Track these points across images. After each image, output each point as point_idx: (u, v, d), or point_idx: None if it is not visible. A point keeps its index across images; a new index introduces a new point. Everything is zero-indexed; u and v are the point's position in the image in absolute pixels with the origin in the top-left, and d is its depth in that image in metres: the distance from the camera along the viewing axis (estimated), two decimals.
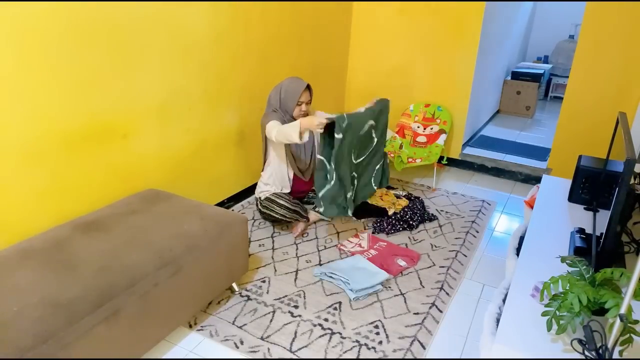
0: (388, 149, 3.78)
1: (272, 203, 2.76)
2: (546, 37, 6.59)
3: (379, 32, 4.05)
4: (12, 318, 1.41)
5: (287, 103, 2.75)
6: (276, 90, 2.78)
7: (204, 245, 1.95)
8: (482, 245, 2.86)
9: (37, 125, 1.89)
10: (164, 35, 2.37)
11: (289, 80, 2.80)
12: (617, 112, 1.83)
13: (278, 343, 2.00)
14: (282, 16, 3.22)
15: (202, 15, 2.56)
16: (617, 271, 1.23)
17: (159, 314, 1.78)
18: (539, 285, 1.38)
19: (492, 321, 1.46)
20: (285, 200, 2.75)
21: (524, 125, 5.28)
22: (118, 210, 2.09)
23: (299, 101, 2.73)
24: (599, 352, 1.12)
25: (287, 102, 2.74)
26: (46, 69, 1.87)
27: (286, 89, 2.75)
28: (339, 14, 3.94)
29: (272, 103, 2.78)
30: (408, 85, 4.08)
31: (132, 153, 2.35)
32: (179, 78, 2.53)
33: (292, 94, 2.73)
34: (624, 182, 1.35)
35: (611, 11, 3.15)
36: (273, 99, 2.78)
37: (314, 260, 2.60)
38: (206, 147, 2.84)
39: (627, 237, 1.77)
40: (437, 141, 3.79)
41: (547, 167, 3.76)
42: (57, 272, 1.63)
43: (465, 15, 3.66)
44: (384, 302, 2.27)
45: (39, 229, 1.96)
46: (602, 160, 2.08)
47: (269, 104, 2.80)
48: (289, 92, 2.74)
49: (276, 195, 2.77)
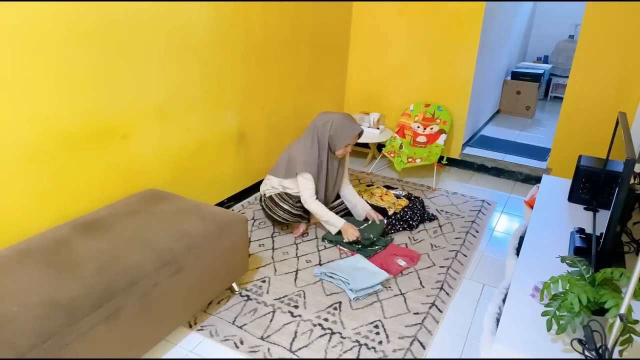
0: (388, 149, 3.78)
1: (275, 205, 2.75)
2: (546, 37, 6.59)
3: (379, 32, 4.05)
4: (12, 318, 1.41)
5: (336, 141, 2.70)
6: (326, 122, 2.71)
7: (204, 245, 1.95)
8: (482, 245, 2.86)
9: (37, 125, 1.89)
10: (164, 36, 2.36)
11: (344, 118, 2.73)
12: (617, 112, 1.83)
13: (278, 343, 2.00)
14: (282, 16, 3.22)
15: (202, 16, 2.56)
16: (617, 271, 1.23)
17: (159, 314, 1.78)
18: (539, 285, 1.38)
19: (492, 321, 1.46)
20: (290, 205, 2.73)
21: (524, 125, 5.28)
22: (118, 210, 2.09)
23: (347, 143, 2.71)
24: (599, 352, 1.12)
25: (337, 140, 2.70)
26: (46, 69, 1.87)
27: (339, 128, 2.69)
28: (339, 14, 3.95)
29: (316, 132, 2.73)
30: (408, 85, 4.08)
31: (132, 153, 2.35)
32: (179, 78, 2.52)
33: (345, 136, 2.69)
34: (624, 182, 1.35)
35: (611, 11, 3.15)
36: (320, 129, 2.72)
37: (314, 260, 2.60)
38: (206, 147, 2.84)
39: (627, 237, 1.77)
40: (437, 141, 3.79)
41: (547, 167, 3.76)
42: (57, 272, 1.63)
43: (465, 15, 3.66)
44: (384, 302, 2.27)
45: (39, 229, 1.96)
46: (602, 160, 2.08)
47: (311, 128, 2.75)
48: (343, 133, 2.69)
49: (280, 199, 2.76)
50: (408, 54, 4.00)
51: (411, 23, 3.89)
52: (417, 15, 3.85)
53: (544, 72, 5.77)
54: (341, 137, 2.69)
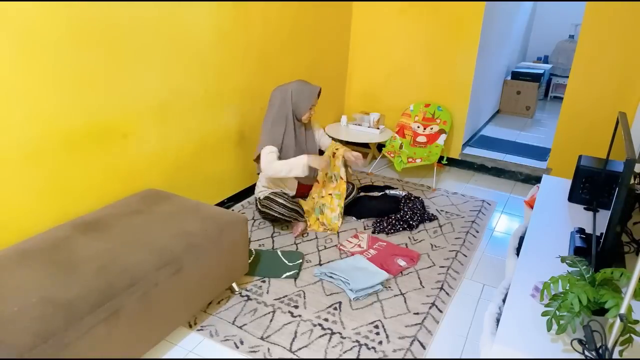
0: (388, 149, 3.78)
1: (271, 202, 2.76)
2: (546, 37, 6.59)
3: (379, 32, 4.05)
4: (12, 318, 1.41)
5: (299, 107, 2.77)
6: (284, 93, 2.77)
7: (204, 245, 1.95)
8: (482, 245, 2.86)
9: (37, 125, 1.89)
10: (164, 35, 2.36)
11: (299, 83, 2.80)
12: (617, 112, 1.83)
13: (278, 343, 2.00)
14: (282, 16, 3.22)
15: (202, 16, 2.56)
16: (617, 271, 1.23)
17: (159, 314, 1.78)
18: (539, 285, 1.38)
19: (492, 321, 1.46)
20: (285, 200, 2.75)
21: (524, 125, 5.28)
22: (118, 210, 2.09)
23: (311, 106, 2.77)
24: (599, 352, 1.12)
25: (300, 106, 2.77)
26: (46, 69, 1.87)
27: (298, 92, 2.76)
28: (339, 14, 3.95)
29: (277, 104, 2.77)
30: (408, 85, 4.08)
31: (132, 153, 2.35)
32: (179, 78, 2.52)
33: (306, 99, 2.76)
34: (624, 182, 1.35)
35: (611, 11, 3.15)
36: (280, 101, 2.77)
37: (314, 260, 2.60)
38: (206, 147, 2.84)
39: (627, 237, 1.77)
40: (437, 141, 3.79)
41: (547, 167, 3.76)
42: (57, 272, 1.63)
43: (465, 15, 3.66)
44: (384, 302, 2.27)
45: (39, 229, 1.96)
46: (602, 160, 2.08)
47: (273, 105, 2.79)
48: (303, 96, 2.76)
49: (275, 195, 2.77)
50: (408, 54, 4.00)
51: (411, 23, 3.89)
52: (417, 16, 3.85)
53: (544, 72, 5.77)
54: (304, 103, 2.78)
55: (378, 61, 4.15)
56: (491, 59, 4.55)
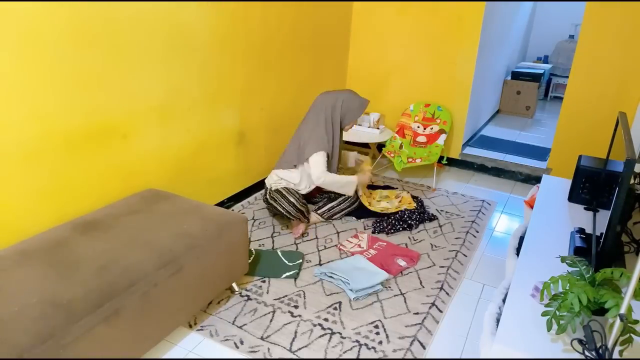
0: (388, 149, 3.78)
1: (281, 197, 2.76)
2: (546, 37, 6.59)
3: (379, 32, 4.05)
4: (12, 318, 1.41)
5: (347, 117, 2.83)
6: (334, 100, 2.79)
7: (204, 245, 1.95)
8: (482, 245, 2.86)
9: (37, 125, 1.89)
10: (164, 36, 2.36)
11: (351, 93, 2.84)
12: (617, 112, 1.83)
13: (278, 343, 2.00)
14: (282, 16, 3.22)
15: (202, 16, 2.56)
16: (617, 271, 1.23)
17: (159, 314, 1.78)
18: (539, 285, 1.38)
19: (492, 321, 1.46)
20: (296, 199, 2.76)
21: (524, 125, 5.28)
22: (118, 210, 2.09)
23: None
24: (599, 352, 1.12)
25: (348, 116, 2.83)
26: (46, 69, 1.87)
27: (350, 105, 2.80)
28: (339, 14, 3.94)
29: (326, 110, 2.78)
30: (408, 85, 4.08)
31: (132, 153, 2.35)
32: (179, 78, 2.52)
33: (356, 109, 2.83)
34: (624, 182, 1.35)
35: (611, 11, 3.15)
36: (331, 108, 2.78)
37: (314, 260, 2.60)
38: (206, 147, 2.84)
39: (627, 237, 1.77)
40: (437, 141, 3.79)
41: (547, 167, 3.76)
42: (57, 272, 1.63)
43: (465, 15, 3.66)
44: (384, 302, 2.27)
45: (39, 229, 1.96)
46: (602, 160, 2.08)
47: (320, 110, 2.79)
48: (353, 106, 2.82)
49: (287, 191, 2.78)
50: (408, 54, 4.00)
51: (411, 23, 3.89)
52: (417, 15, 3.85)
53: (544, 72, 5.77)
54: (353, 113, 2.84)
55: (378, 61, 4.15)
56: (491, 59, 4.55)
